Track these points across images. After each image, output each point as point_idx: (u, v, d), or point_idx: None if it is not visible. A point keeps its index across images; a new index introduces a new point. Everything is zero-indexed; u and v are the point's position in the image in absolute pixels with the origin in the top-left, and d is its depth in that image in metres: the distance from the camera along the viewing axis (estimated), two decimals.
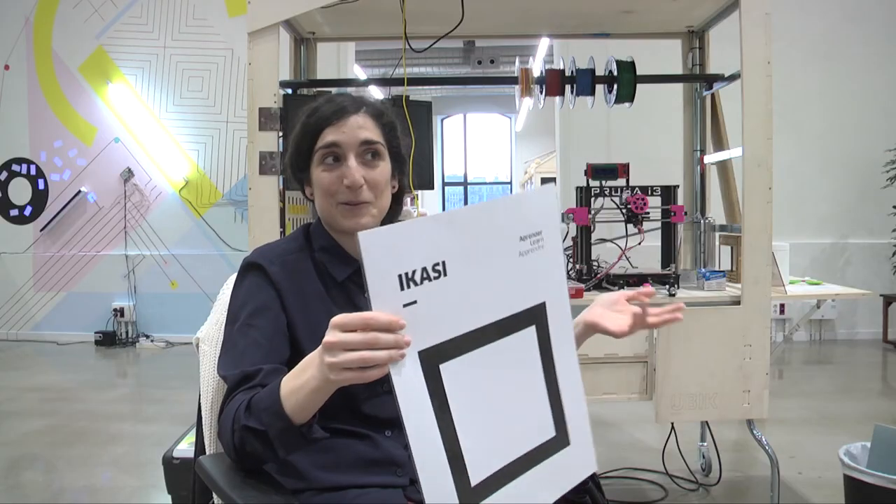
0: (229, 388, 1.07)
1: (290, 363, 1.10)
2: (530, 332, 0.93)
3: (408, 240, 0.80)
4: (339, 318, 0.83)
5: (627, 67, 2.54)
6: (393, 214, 1.27)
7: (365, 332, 0.80)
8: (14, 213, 6.19)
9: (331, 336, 0.83)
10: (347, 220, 1.17)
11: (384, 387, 1.15)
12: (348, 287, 1.20)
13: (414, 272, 0.80)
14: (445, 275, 0.82)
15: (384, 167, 1.19)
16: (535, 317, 0.94)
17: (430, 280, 0.81)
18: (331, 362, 0.83)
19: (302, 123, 1.18)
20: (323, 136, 1.16)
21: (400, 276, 0.79)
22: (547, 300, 0.95)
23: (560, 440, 0.97)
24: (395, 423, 1.17)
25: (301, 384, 0.93)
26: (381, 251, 0.78)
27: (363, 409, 1.14)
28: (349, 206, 1.16)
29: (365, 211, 1.17)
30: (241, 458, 1.04)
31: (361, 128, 1.16)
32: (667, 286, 2.25)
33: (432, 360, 0.83)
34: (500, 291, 0.89)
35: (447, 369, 0.84)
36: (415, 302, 0.80)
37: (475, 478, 0.86)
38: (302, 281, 1.17)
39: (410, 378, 0.81)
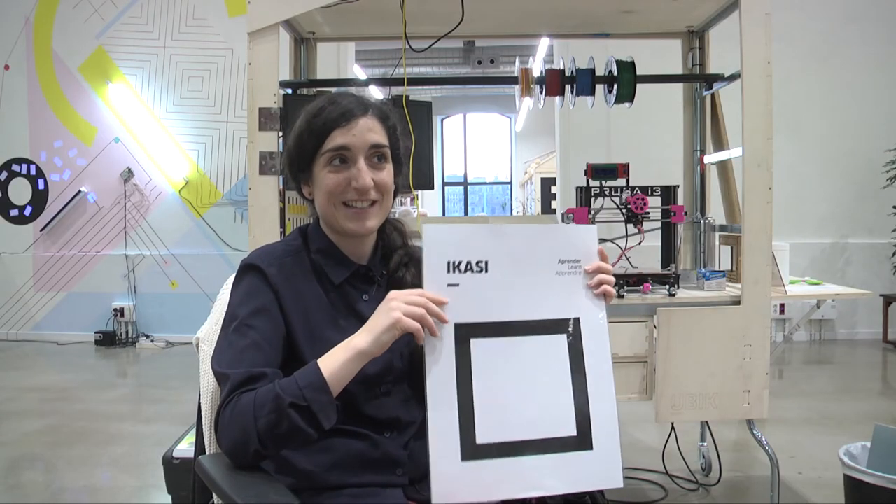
0: (231, 387, 1.06)
1: (285, 367, 1.10)
2: (561, 339, 1.08)
3: (460, 238, 1.04)
4: (397, 290, 1.04)
5: (627, 67, 2.54)
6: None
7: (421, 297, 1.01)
8: (14, 213, 6.19)
9: (394, 293, 1.03)
10: (355, 223, 1.17)
11: (382, 388, 1.16)
12: (346, 289, 1.20)
13: (460, 262, 1.03)
14: (487, 272, 1.04)
15: (390, 169, 1.19)
16: (568, 328, 1.09)
17: (472, 272, 1.04)
18: (396, 306, 1.01)
19: (307, 123, 1.17)
20: (331, 138, 1.15)
21: (448, 262, 1.03)
22: (581, 317, 1.10)
23: (581, 442, 1.05)
24: (394, 425, 1.17)
25: (338, 356, 1.03)
26: (438, 240, 1.03)
27: (363, 410, 1.14)
28: (355, 209, 1.16)
29: (371, 214, 1.18)
30: (264, 446, 1.01)
31: (371, 130, 1.16)
32: (667, 286, 2.25)
33: (465, 333, 1.02)
34: (535, 297, 1.07)
35: (477, 344, 1.03)
36: (458, 284, 1.03)
37: (481, 438, 0.99)
38: (299, 283, 1.17)
39: (443, 342, 1.01)
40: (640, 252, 2.30)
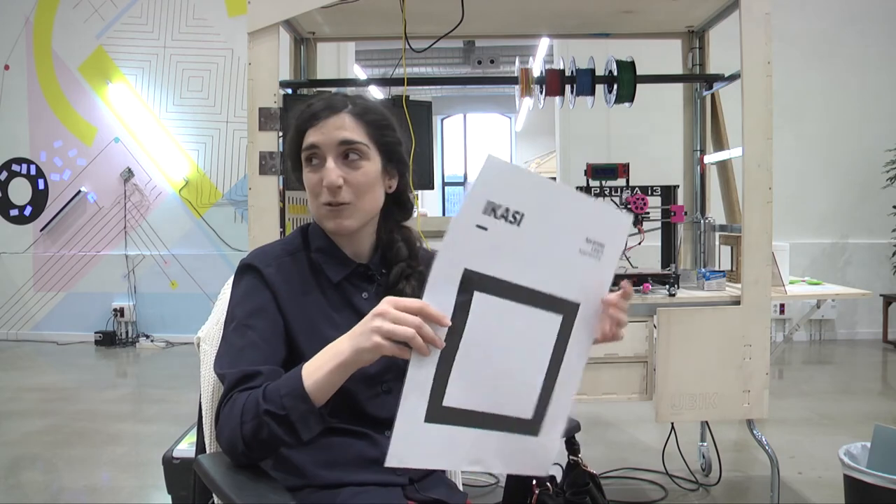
0: (228, 387, 1.07)
1: (287, 366, 1.10)
2: (556, 319, 1.00)
3: (513, 178, 0.91)
4: (395, 298, 0.94)
5: (627, 67, 2.54)
6: (393, 215, 1.25)
7: (417, 316, 0.90)
8: (14, 213, 6.19)
9: (386, 306, 0.93)
10: (329, 222, 1.17)
11: (384, 387, 1.16)
12: (344, 288, 1.20)
13: (499, 206, 0.90)
14: (518, 225, 0.92)
15: (368, 167, 1.16)
16: (566, 310, 1.01)
17: (506, 220, 0.91)
18: (379, 326, 0.92)
19: (293, 125, 1.20)
20: (306, 138, 1.17)
21: (489, 201, 0.89)
22: (582, 304, 1.02)
23: (530, 426, 1.02)
24: (393, 424, 1.17)
25: (323, 363, 0.99)
26: (493, 172, 0.89)
27: (363, 408, 1.14)
28: (330, 207, 1.16)
29: (346, 213, 1.16)
30: (250, 450, 1.02)
31: (340, 128, 1.15)
32: (667, 286, 2.25)
33: (472, 283, 0.92)
34: (552, 268, 0.98)
35: (479, 299, 0.92)
36: (486, 228, 0.90)
37: (449, 400, 0.93)
38: (297, 282, 1.17)
39: (446, 283, 0.90)
40: (640, 252, 2.31)
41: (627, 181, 2.38)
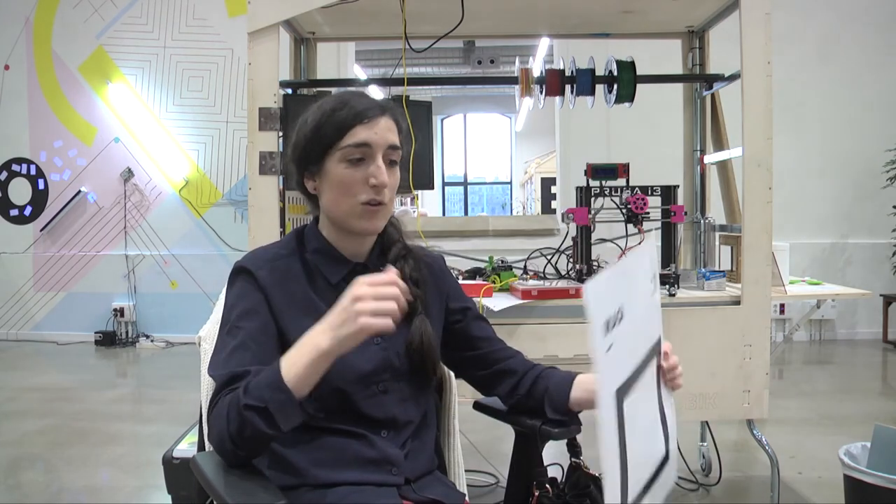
0: (216, 389, 1.07)
1: None
2: (654, 362, 1.03)
3: (613, 285, 0.89)
4: (366, 277, 0.99)
5: (627, 67, 2.54)
6: None
7: (392, 287, 0.97)
8: (14, 213, 6.19)
9: (364, 289, 0.97)
10: (366, 222, 1.17)
11: (379, 387, 1.16)
12: (341, 289, 1.19)
13: (610, 318, 0.86)
14: (623, 318, 0.89)
15: (398, 171, 1.20)
16: (657, 346, 1.04)
17: (617, 325, 0.88)
18: (362, 309, 0.96)
19: (329, 115, 1.15)
20: (353, 134, 1.13)
21: (606, 321, 0.85)
22: (661, 334, 1.06)
23: (665, 457, 1.06)
24: (390, 424, 1.17)
25: (302, 354, 0.99)
26: (601, 295, 0.85)
27: (360, 409, 1.15)
28: (371, 207, 1.15)
29: (383, 214, 1.18)
30: (237, 448, 1.02)
31: (390, 131, 1.16)
32: (667, 286, 2.25)
33: (620, 396, 0.90)
34: (645, 327, 1.00)
35: (626, 403, 0.91)
36: (612, 345, 0.87)
37: (629, 498, 0.92)
38: (290, 285, 1.17)
39: (610, 415, 0.88)
40: None
41: (627, 181, 2.38)
